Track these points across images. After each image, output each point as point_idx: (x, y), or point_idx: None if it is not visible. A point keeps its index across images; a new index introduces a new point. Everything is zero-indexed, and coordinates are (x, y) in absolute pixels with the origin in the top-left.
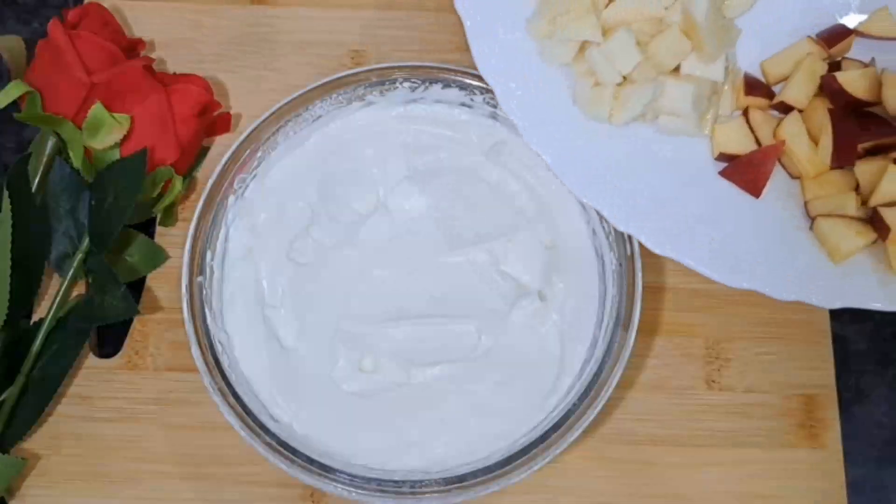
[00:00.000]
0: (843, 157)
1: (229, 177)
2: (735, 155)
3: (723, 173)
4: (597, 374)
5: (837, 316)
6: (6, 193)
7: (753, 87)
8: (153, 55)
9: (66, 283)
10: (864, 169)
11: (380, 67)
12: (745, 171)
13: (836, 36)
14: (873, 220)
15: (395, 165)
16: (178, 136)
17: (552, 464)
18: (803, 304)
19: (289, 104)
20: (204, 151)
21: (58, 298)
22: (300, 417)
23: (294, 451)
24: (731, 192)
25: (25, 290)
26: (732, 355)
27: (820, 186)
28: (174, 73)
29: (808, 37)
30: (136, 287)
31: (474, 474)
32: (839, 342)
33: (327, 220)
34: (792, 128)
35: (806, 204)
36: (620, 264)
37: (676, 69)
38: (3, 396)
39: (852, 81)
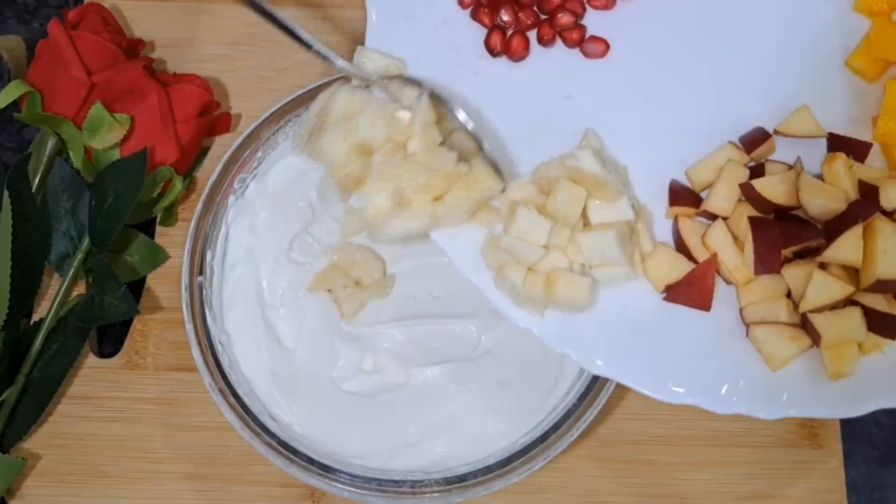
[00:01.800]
0: (766, 266)
1: (229, 177)
2: (676, 282)
3: (668, 298)
4: (596, 374)
5: None
6: (6, 193)
7: (679, 195)
8: (153, 55)
9: (66, 283)
10: (793, 273)
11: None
12: (689, 291)
13: (756, 140)
14: (805, 327)
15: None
16: (178, 136)
17: (552, 464)
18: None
19: (289, 104)
20: (204, 151)
21: (58, 298)
22: (300, 417)
23: (294, 451)
24: (674, 310)
25: (25, 290)
26: None
27: (752, 293)
28: (174, 73)
29: (730, 142)
30: (136, 287)
31: (474, 474)
32: None
33: (328, 220)
34: (718, 237)
35: (741, 311)
36: None
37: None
38: (3, 396)
39: (770, 187)
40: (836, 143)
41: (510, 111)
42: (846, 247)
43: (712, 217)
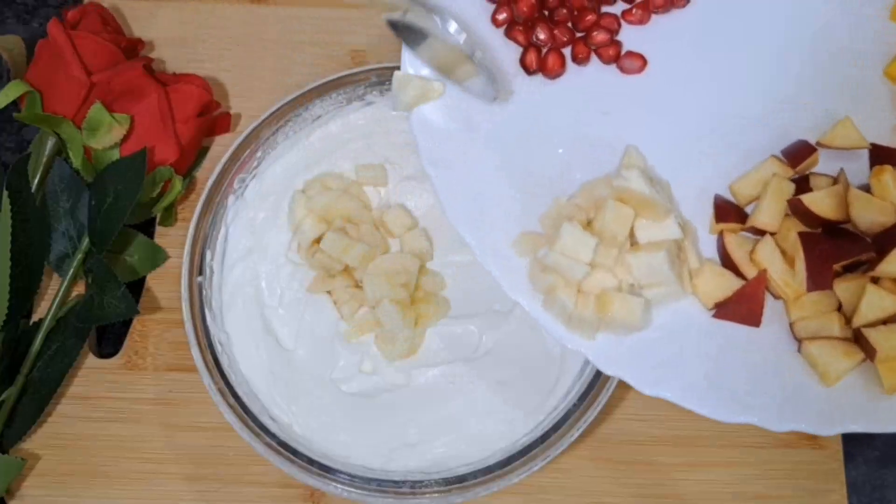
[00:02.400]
0: (818, 282)
1: (229, 177)
2: (726, 299)
3: (717, 315)
4: (597, 375)
5: None
6: (6, 193)
7: (724, 211)
8: (153, 55)
9: (65, 283)
10: (844, 288)
11: (380, 67)
12: (739, 308)
13: (800, 154)
14: (859, 341)
15: (397, 165)
16: (178, 136)
17: (552, 464)
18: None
19: (289, 104)
20: (204, 151)
21: (57, 298)
22: (300, 418)
23: (294, 452)
24: (724, 326)
25: (25, 290)
26: None
27: (802, 308)
28: (174, 73)
29: (773, 155)
30: (136, 287)
31: (474, 474)
32: None
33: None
34: (766, 252)
35: (791, 326)
36: None
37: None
38: (3, 396)
39: (819, 202)
40: (880, 154)
41: (548, 129)
42: None
43: (758, 232)
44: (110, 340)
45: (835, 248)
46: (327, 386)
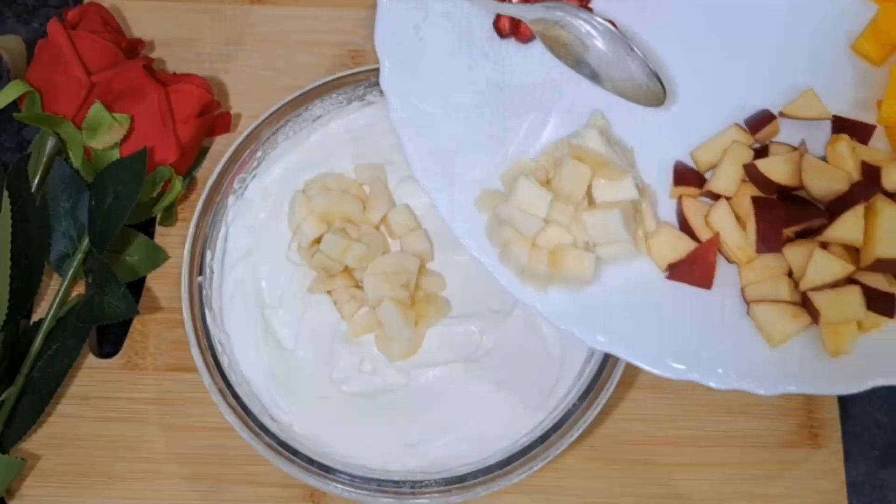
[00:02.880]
0: (768, 244)
1: (229, 177)
2: (679, 261)
3: (671, 277)
4: (597, 374)
5: None
6: (6, 193)
7: (683, 176)
8: (153, 55)
9: (65, 283)
10: (794, 252)
11: (380, 67)
12: (692, 269)
13: (761, 122)
14: (806, 305)
15: (397, 165)
16: (178, 136)
17: (552, 464)
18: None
19: (289, 104)
20: (204, 151)
21: (58, 298)
22: (300, 418)
23: (294, 452)
24: (677, 288)
25: (25, 290)
26: None
27: (754, 272)
28: (174, 73)
29: (735, 124)
30: (136, 287)
31: (474, 474)
32: None
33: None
34: (721, 216)
35: (742, 290)
36: None
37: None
38: (3, 396)
39: (774, 168)
40: (841, 126)
41: (518, 91)
42: (847, 226)
43: (716, 197)
44: (110, 340)
45: (786, 213)
46: (327, 386)
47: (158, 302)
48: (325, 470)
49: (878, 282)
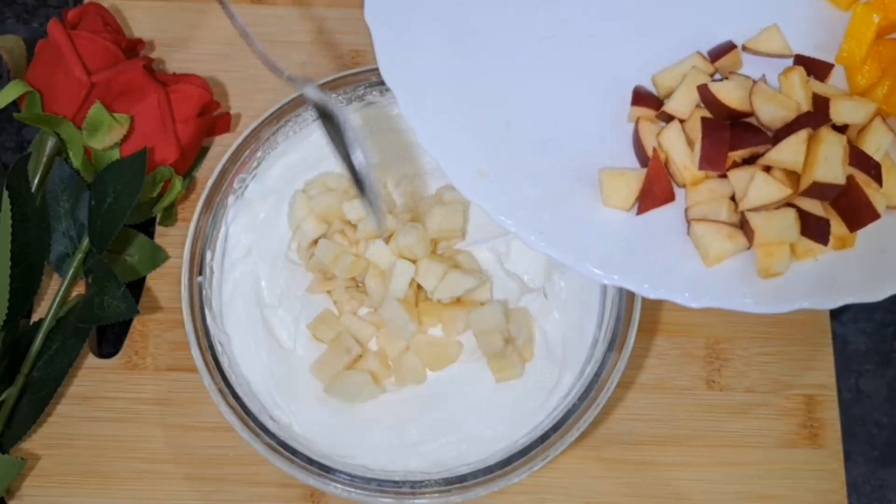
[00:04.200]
0: (710, 162)
1: (229, 177)
2: (641, 192)
3: (641, 211)
4: (597, 375)
5: (837, 316)
6: (6, 193)
7: (642, 97)
8: (153, 55)
9: (65, 283)
10: (737, 176)
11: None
12: (654, 193)
13: (722, 51)
14: (743, 226)
15: (397, 165)
16: (178, 136)
17: (552, 464)
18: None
19: (289, 104)
20: (204, 151)
21: (58, 298)
22: (299, 418)
23: (294, 452)
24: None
25: (25, 290)
26: (732, 355)
27: (698, 194)
28: (174, 73)
29: (698, 52)
30: (136, 287)
31: (474, 475)
32: (839, 342)
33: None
34: (671, 137)
35: (686, 211)
36: None
37: None
38: (3, 396)
39: (726, 91)
40: (801, 63)
41: (483, 17)
42: (789, 150)
43: (671, 120)
44: (110, 340)
45: (733, 136)
46: None
47: (158, 302)
48: (325, 470)
49: (815, 208)
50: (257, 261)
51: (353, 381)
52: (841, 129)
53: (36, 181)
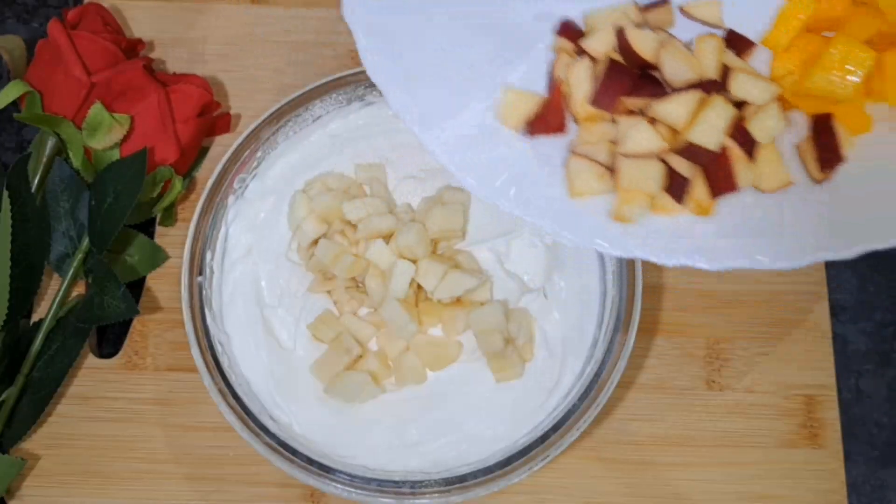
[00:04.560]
0: (602, 101)
1: (229, 177)
2: (534, 115)
3: (531, 132)
4: (597, 374)
5: (837, 316)
6: (6, 193)
7: (567, 29)
8: (153, 55)
9: (65, 283)
10: (625, 123)
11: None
12: (547, 119)
13: (656, 3)
14: (614, 170)
15: (397, 164)
16: (178, 136)
17: (552, 464)
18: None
19: (289, 104)
20: (204, 151)
21: (58, 298)
22: (299, 418)
23: (294, 452)
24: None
25: (25, 290)
26: (732, 355)
27: (587, 133)
28: (174, 73)
29: (635, 2)
30: (136, 287)
31: (474, 475)
32: (839, 342)
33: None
34: (580, 71)
35: (572, 145)
36: (620, 264)
37: None
38: (3, 396)
39: (640, 40)
40: (733, 39)
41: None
42: (675, 106)
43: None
44: (110, 340)
45: (633, 83)
46: None
47: (158, 302)
48: (325, 470)
49: (683, 167)
50: (257, 261)
51: (353, 381)
52: (740, 106)
53: (36, 181)
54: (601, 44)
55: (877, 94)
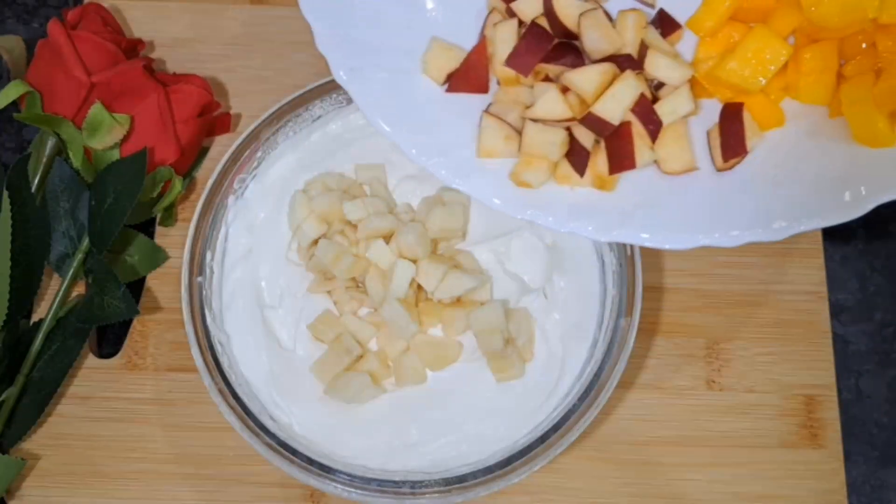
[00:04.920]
0: (517, 63)
1: (229, 177)
2: (455, 70)
3: (450, 89)
4: (597, 375)
5: (837, 316)
6: (6, 193)
7: None
8: (153, 55)
9: (66, 283)
10: (539, 88)
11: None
12: (468, 77)
13: None
14: (522, 133)
15: (397, 164)
16: (178, 136)
17: (552, 464)
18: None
19: (289, 104)
20: (204, 151)
21: (58, 298)
22: (299, 418)
23: (294, 452)
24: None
25: (25, 290)
26: (732, 355)
27: (505, 94)
28: (174, 73)
29: None
30: (136, 287)
31: (474, 475)
32: (839, 342)
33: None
34: (504, 31)
35: (489, 106)
36: (620, 264)
37: None
38: (3, 396)
39: (564, 7)
40: (663, 19)
41: None
42: (585, 77)
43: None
44: (110, 340)
45: (552, 50)
46: None
47: (158, 302)
48: (325, 470)
49: (586, 139)
50: (257, 261)
51: (353, 381)
52: (655, 86)
53: (36, 181)
54: (530, 7)
55: (792, 90)
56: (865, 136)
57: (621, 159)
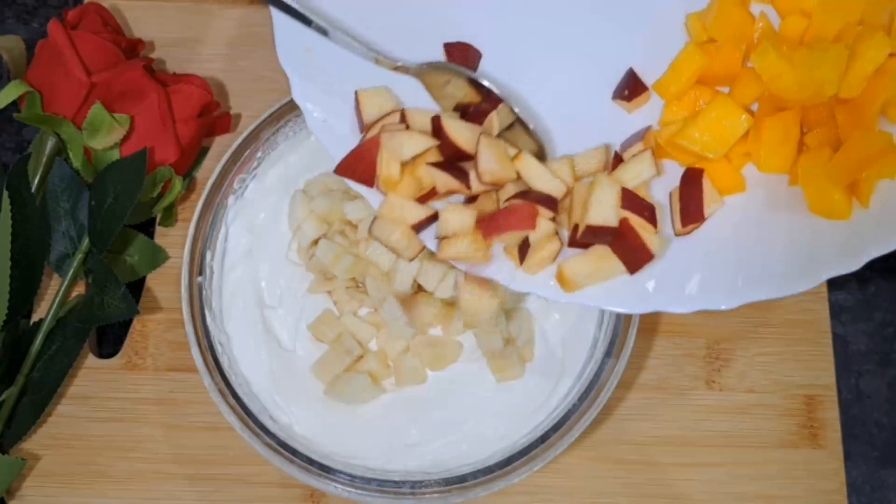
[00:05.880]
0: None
1: (229, 177)
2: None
3: (338, 172)
4: (597, 375)
5: (837, 316)
6: (6, 193)
7: (454, 50)
8: (153, 55)
9: (66, 283)
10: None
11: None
12: (357, 166)
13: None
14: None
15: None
16: (178, 136)
17: (552, 464)
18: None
19: (289, 104)
20: (204, 151)
21: (58, 298)
22: (299, 418)
23: (294, 452)
24: None
25: (25, 290)
26: (732, 355)
27: (389, 209)
28: (174, 73)
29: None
30: (136, 287)
31: (474, 475)
32: (839, 342)
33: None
34: (393, 142)
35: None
36: None
37: None
38: (3, 397)
39: (456, 131)
40: (630, 79)
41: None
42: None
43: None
44: (110, 340)
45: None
46: None
47: (158, 302)
48: (325, 470)
49: (489, 204)
50: (257, 261)
51: (353, 381)
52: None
53: (36, 181)
54: (421, 122)
55: (754, 158)
56: (821, 209)
57: (635, 254)
